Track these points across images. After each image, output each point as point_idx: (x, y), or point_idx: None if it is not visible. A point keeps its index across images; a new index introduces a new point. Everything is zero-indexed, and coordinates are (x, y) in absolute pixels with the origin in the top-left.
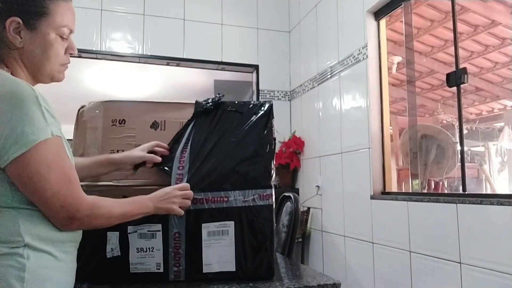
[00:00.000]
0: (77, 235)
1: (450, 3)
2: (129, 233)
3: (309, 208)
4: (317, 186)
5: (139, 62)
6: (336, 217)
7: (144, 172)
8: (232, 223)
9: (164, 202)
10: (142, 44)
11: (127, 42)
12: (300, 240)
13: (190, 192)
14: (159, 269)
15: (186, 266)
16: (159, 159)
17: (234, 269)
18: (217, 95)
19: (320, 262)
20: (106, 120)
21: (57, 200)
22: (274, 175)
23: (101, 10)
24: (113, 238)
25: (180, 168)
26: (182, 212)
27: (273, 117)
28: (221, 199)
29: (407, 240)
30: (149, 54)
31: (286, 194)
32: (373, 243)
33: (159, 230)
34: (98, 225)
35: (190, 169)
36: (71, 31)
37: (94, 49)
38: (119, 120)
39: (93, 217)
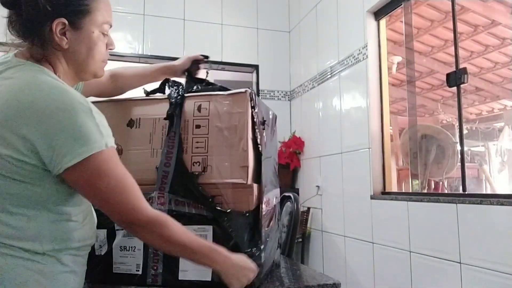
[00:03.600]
0: (92, 240)
1: (450, 3)
2: (117, 229)
3: (309, 208)
4: (317, 186)
5: (139, 62)
6: (336, 217)
7: (134, 170)
8: (210, 227)
9: (234, 275)
10: (142, 44)
11: (127, 42)
12: (300, 240)
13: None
14: (138, 271)
15: (163, 271)
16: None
17: (209, 279)
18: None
19: (320, 262)
20: None
21: (109, 206)
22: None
23: None
24: (101, 235)
25: (167, 165)
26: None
27: (254, 108)
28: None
29: (407, 240)
30: (149, 54)
31: (286, 194)
32: (373, 243)
33: None
34: (152, 243)
35: (176, 167)
36: (110, 26)
37: None
38: None
39: (148, 232)
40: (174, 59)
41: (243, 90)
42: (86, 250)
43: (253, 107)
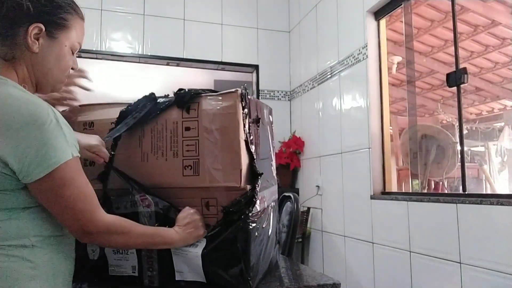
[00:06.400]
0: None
1: (450, 3)
2: None
3: (309, 208)
4: (317, 186)
5: (139, 62)
6: (336, 217)
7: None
8: None
9: (192, 232)
10: (142, 44)
11: (127, 42)
12: (300, 240)
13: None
14: (134, 272)
15: (159, 272)
16: (100, 161)
17: (204, 281)
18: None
19: (320, 262)
20: (79, 124)
21: (70, 214)
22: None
23: (101, 10)
24: None
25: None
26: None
27: (246, 108)
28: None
29: (407, 240)
30: (149, 54)
31: (286, 194)
32: (373, 243)
33: None
34: (113, 245)
35: None
36: (80, 47)
37: (94, 49)
38: (89, 123)
39: (108, 236)
40: (174, 59)
41: (233, 90)
42: (66, 241)
43: (244, 107)
